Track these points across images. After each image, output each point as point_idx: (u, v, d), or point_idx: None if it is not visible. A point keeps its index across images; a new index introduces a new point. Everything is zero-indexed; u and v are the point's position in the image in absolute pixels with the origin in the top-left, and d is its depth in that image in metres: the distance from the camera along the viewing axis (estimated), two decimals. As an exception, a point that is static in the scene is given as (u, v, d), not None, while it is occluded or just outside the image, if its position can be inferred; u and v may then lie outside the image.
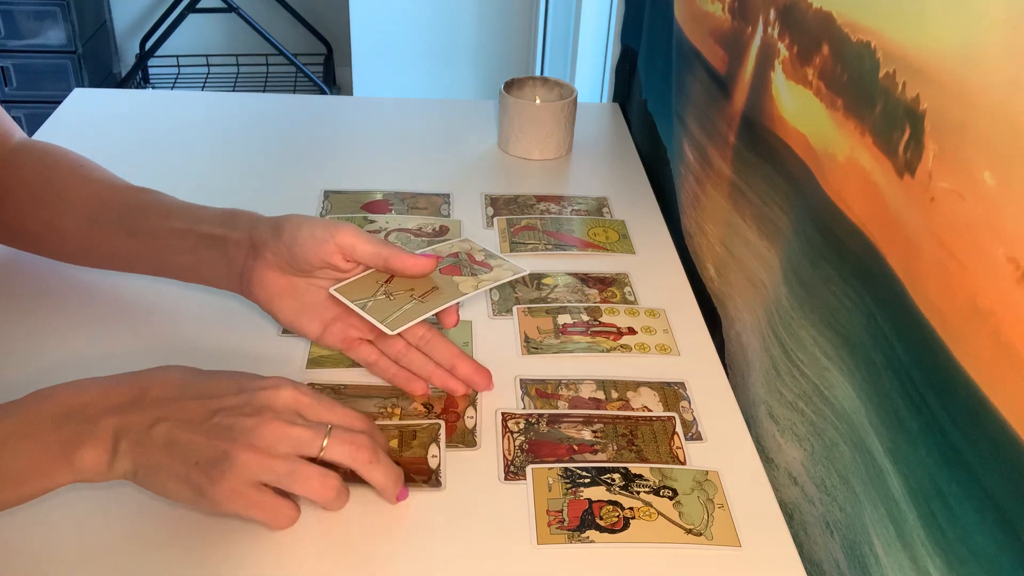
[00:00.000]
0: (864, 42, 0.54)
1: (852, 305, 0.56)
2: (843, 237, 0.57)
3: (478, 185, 1.03)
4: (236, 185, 0.99)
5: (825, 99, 0.60)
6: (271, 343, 0.76)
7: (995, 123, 0.41)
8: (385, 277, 0.68)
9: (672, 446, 0.67)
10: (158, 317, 0.78)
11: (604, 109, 1.27)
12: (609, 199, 1.01)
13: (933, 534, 0.46)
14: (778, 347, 0.67)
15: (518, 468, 0.64)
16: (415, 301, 0.66)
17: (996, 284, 0.41)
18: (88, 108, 1.14)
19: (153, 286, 0.81)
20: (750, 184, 0.76)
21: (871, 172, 0.53)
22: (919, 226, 0.48)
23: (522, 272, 0.70)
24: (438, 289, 0.67)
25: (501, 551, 0.58)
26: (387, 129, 1.15)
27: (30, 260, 0.81)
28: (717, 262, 0.85)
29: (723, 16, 0.82)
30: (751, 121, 0.75)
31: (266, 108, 1.19)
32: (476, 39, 2.44)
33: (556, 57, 2.09)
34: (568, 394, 0.72)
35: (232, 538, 0.58)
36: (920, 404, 0.48)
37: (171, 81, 2.99)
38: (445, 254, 0.71)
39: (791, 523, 0.63)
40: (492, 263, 0.70)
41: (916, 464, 0.48)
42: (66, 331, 0.75)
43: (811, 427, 0.62)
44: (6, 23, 2.56)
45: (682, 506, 0.62)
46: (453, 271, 0.69)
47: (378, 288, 0.67)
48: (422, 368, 0.69)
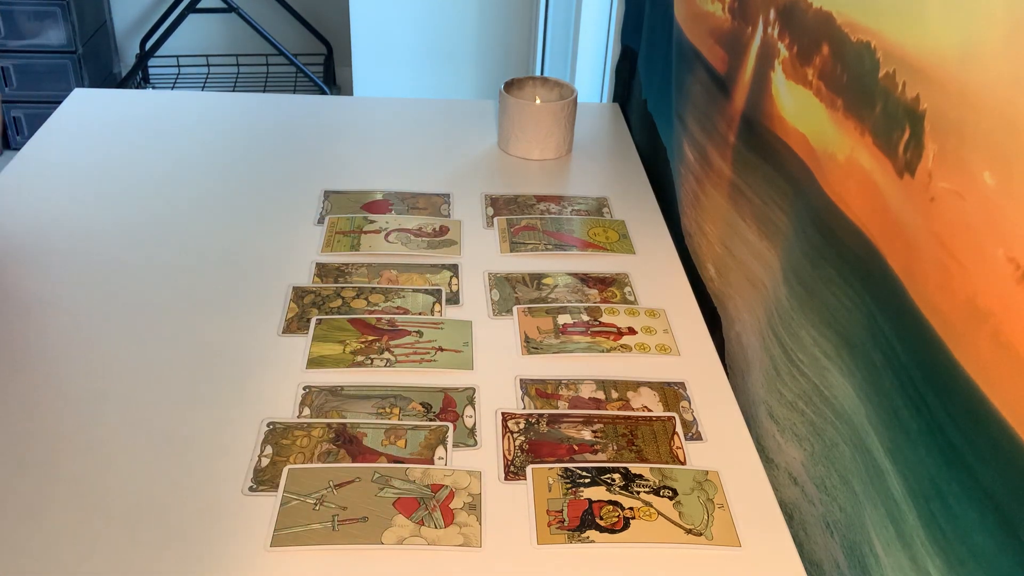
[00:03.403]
0: (864, 42, 0.54)
1: (852, 305, 0.56)
2: (843, 237, 0.57)
3: (478, 185, 1.03)
4: (236, 185, 0.99)
5: (825, 99, 0.60)
6: (271, 343, 0.76)
7: (995, 123, 0.41)
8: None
9: (672, 446, 0.67)
10: (158, 316, 0.78)
11: (604, 109, 1.27)
12: (609, 199, 1.01)
13: (933, 534, 0.46)
14: (778, 347, 0.67)
15: (518, 468, 0.64)
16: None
17: (996, 284, 0.41)
18: (88, 108, 1.14)
19: (153, 285, 0.81)
20: (750, 184, 0.76)
21: (871, 172, 0.53)
22: (919, 226, 0.48)
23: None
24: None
25: (501, 551, 0.58)
26: (387, 129, 1.15)
27: (31, 259, 0.81)
28: (717, 262, 0.85)
29: (723, 16, 0.82)
30: (751, 121, 0.75)
31: (266, 108, 1.19)
32: (476, 39, 2.44)
33: (556, 57, 2.09)
34: (568, 394, 0.72)
35: (232, 538, 0.58)
36: (920, 404, 0.48)
37: (171, 81, 2.99)
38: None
39: (791, 523, 0.63)
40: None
41: (916, 464, 0.48)
42: (66, 330, 0.75)
43: (811, 427, 0.62)
44: (6, 23, 2.56)
45: (682, 506, 0.62)
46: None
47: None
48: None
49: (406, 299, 0.82)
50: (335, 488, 0.62)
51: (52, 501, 0.60)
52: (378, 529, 0.59)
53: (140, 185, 0.97)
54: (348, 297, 0.82)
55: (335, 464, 0.64)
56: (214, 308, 0.79)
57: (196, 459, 0.64)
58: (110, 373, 0.71)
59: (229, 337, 0.76)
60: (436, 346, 0.76)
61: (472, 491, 0.62)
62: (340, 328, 0.77)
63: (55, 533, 0.58)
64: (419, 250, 0.89)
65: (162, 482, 0.62)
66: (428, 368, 0.74)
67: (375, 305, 0.81)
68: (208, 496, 0.61)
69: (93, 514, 0.59)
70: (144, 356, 0.73)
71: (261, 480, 0.62)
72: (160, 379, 0.71)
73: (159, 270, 0.84)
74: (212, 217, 0.93)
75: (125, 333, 0.76)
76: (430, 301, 0.82)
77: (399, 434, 0.67)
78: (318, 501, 0.61)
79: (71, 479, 0.62)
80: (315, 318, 0.78)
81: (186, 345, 0.75)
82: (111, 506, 0.60)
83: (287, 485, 0.62)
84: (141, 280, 0.81)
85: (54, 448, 0.64)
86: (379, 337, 0.77)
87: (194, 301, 0.80)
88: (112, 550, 0.57)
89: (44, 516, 0.59)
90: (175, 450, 0.65)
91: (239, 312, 0.79)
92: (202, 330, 0.77)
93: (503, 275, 0.86)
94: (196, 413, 0.68)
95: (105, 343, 0.75)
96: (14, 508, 0.59)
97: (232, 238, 0.90)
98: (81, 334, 0.75)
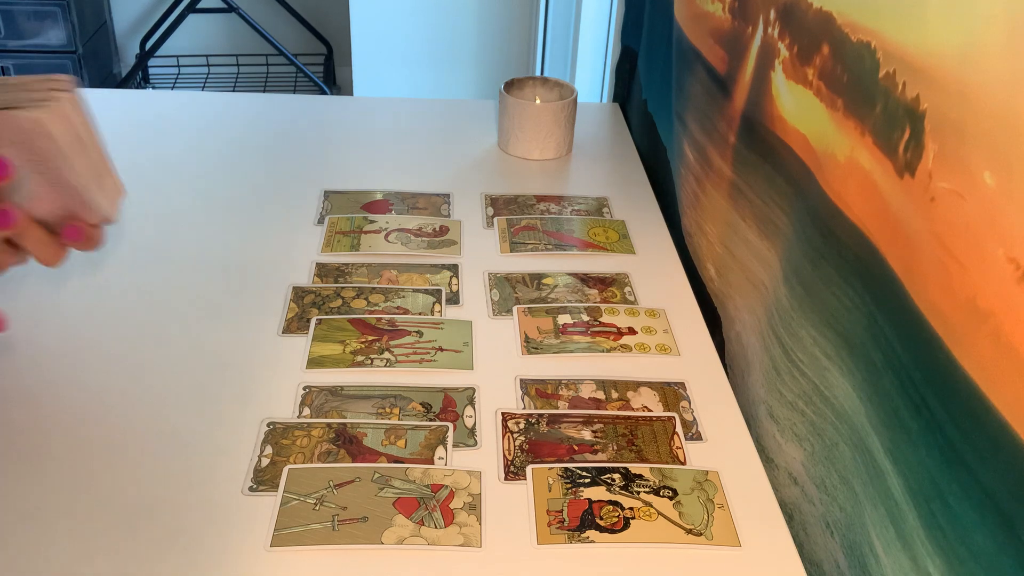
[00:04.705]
0: (864, 42, 0.54)
1: (852, 305, 0.56)
2: (843, 237, 0.57)
3: (478, 185, 1.03)
4: (236, 185, 0.99)
5: (825, 99, 0.60)
6: (271, 343, 0.76)
7: (995, 123, 0.41)
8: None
9: (672, 446, 0.67)
10: (157, 316, 0.78)
11: (604, 109, 1.27)
12: (609, 199, 1.01)
13: (933, 534, 0.46)
14: (778, 347, 0.67)
15: (518, 468, 0.64)
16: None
17: (996, 284, 0.41)
18: (88, 108, 1.14)
19: (152, 285, 0.81)
20: (750, 184, 0.76)
21: (871, 172, 0.53)
22: (919, 226, 0.48)
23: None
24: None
25: (501, 551, 0.58)
26: (387, 129, 1.15)
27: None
28: (717, 262, 0.85)
29: (723, 16, 0.82)
30: (751, 121, 0.75)
31: (266, 108, 1.19)
32: (476, 39, 2.44)
33: (556, 57, 2.09)
34: (568, 394, 0.72)
35: (232, 538, 0.58)
36: (920, 404, 0.48)
37: (171, 81, 2.99)
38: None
39: (791, 523, 0.63)
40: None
41: (916, 464, 0.48)
42: (66, 329, 0.75)
43: (811, 427, 0.62)
44: (6, 23, 2.56)
45: (682, 506, 0.62)
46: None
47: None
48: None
49: (406, 299, 0.82)
50: (335, 488, 0.62)
51: (52, 501, 0.60)
52: (378, 529, 0.59)
53: (140, 185, 0.97)
54: (348, 297, 0.82)
55: (335, 464, 0.64)
56: (214, 308, 0.79)
57: (196, 459, 0.64)
58: (109, 373, 0.71)
59: (229, 337, 0.76)
60: (436, 346, 0.76)
61: (472, 491, 0.62)
62: (340, 328, 0.77)
63: (55, 533, 0.58)
64: (419, 250, 0.89)
65: (162, 482, 0.62)
66: (428, 368, 0.74)
67: (375, 305, 0.81)
68: (208, 496, 0.61)
69: (93, 514, 0.59)
70: (144, 356, 0.73)
71: (261, 480, 0.62)
72: (160, 379, 0.71)
73: (158, 270, 0.84)
74: (212, 217, 0.93)
75: (124, 333, 0.76)
76: (430, 301, 0.82)
77: (399, 434, 0.67)
78: (318, 501, 0.61)
79: (71, 479, 0.62)
80: (315, 318, 0.78)
81: (186, 345, 0.75)
82: (111, 506, 0.60)
83: (287, 485, 0.62)
84: (140, 280, 0.81)
85: (54, 448, 0.64)
86: (379, 337, 0.77)
87: (193, 301, 0.80)
88: (112, 550, 0.57)
89: (44, 516, 0.59)
90: (175, 450, 0.65)
91: (239, 312, 0.79)
92: (202, 330, 0.77)
93: (503, 275, 0.86)
94: (196, 413, 0.68)
95: (104, 343, 0.75)
96: (14, 508, 0.59)
97: (232, 238, 0.90)
98: (80, 334, 0.75)
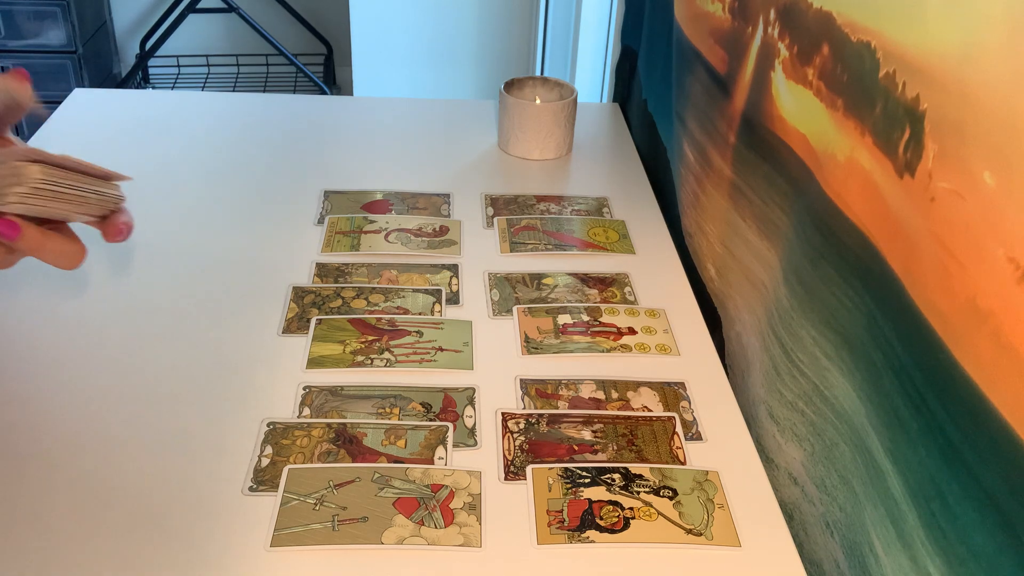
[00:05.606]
0: (864, 42, 0.54)
1: (852, 305, 0.56)
2: (843, 237, 0.57)
3: (478, 185, 1.03)
4: (236, 185, 0.99)
5: (825, 99, 0.60)
6: (271, 343, 0.76)
7: (995, 123, 0.41)
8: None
9: (672, 446, 0.67)
10: (157, 316, 0.78)
11: (604, 109, 1.27)
12: (609, 199, 1.01)
13: (933, 534, 0.46)
14: (778, 347, 0.67)
15: (518, 468, 0.64)
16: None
17: (996, 284, 0.41)
18: (88, 108, 1.14)
19: (152, 285, 0.81)
20: (750, 184, 0.76)
21: (871, 172, 0.53)
22: (919, 226, 0.48)
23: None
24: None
25: (501, 551, 0.58)
26: (387, 129, 1.15)
27: (30, 259, 0.81)
28: (717, 262, 0.85)
29: (723, 16, 0.82)
30: (751, 121, 0.75)
31: (266, 108, 1.19)
32: (476, 39, 2.44)
33: (556, 57, 2.09)
34: (568, 394, 0.72)
35: (232, 538, 0.58)
36: (920, 404, 0.48)
37: (171, 81, 2.99)
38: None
39: (791, 523, 0.63)
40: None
41: (916, 464, 0.48)
42: (66, 329, 0.75)
43: (811, 427, 0.62)
44: (6, 23, 2.56)
45: (682, 506, 0.62)
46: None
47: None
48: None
49: (406, 299, 0.82)
50: (335, 488, 0.62)
51: (52, 501, 0.60)
52: (378, 529, 0.59)
53: (139, 185, 0.97)
54: (348, 297, 0.82)
55: (335, 464, 0.64)
56: (214, 308, 0.79)
57: (196, 459, 0.64)
58: (110, 372, 0.71)
59: (229, 337, 0.76)
60: (436, 346, 0.76)
61: (472, 491, 0.62)
62: (340, 328, 0.77)
63: (54, 533, 0.58)
64: (419, 250, 0.89)
65: (162, 482, 0.62)
66: (428, 368, 0.74)
67: (375, 305, 0.81)
68: (208, 496, 0.61)
69: (93, 514, 0.59)
70: (144, 355, 0.73)
71: (261, 480, 0.62)
72: (160, 379, 0.71)
73: (158, 270, 0.84)
74: (212, 217, 0.93)
75: (124, 333, 0.76)
76: (430, 301, 0.82)
77: (399, 434, 0.67)
78: (318, 501, 0.61)
79: (71, 479, 0.62)
80: (315, 318, 0.78)
81: (186, 345, 0.75)
82: (111, 506, 0.60)
83: (287, 485, 0.62)
84: (140, 280, 0.81)
85: (54, 448, 0.64)
86: (379, 337, 0.77)
87: (194, 301, 0.80)
88: (112, 550, 0.57)
89: (44, 516, 0.59)
90: (175, 450, 0.65)
91: (239, 312, 0.79)
92: (202, 330, 0.77)
93: (503, 275, 0.86)
94: (196, 413, 0.68)
95: (104, 342, 0.75)
96: (14, 508, 0.59)
97: (232, 238, 0.90)
98: (80, 333, 0.75)
